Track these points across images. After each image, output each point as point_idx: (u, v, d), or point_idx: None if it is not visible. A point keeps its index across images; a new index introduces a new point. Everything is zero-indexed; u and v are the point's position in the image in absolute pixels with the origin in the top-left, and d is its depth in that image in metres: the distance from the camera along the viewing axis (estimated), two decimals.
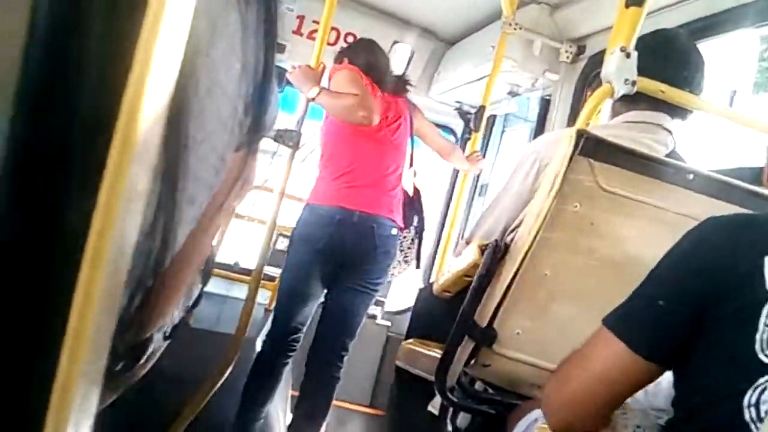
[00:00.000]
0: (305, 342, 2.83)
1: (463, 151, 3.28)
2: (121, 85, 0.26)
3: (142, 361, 0.68)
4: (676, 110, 1.68)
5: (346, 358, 2.80)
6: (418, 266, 3.10)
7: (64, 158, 0.26)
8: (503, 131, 4.02)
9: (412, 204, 2.98)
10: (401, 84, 2.98)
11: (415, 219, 2.99)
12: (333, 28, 3.80)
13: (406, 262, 2.98)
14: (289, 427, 2.78)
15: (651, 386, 1.15)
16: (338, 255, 2.68)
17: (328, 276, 2.72)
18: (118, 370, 0.63)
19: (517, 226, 1.62)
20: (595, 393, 1.06)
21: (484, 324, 1.55)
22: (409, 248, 2.99)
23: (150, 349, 0.69)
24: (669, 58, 1.69)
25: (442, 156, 3.17)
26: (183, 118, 0.41)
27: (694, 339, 0.97)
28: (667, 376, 1.08)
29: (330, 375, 2.76)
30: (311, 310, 2.80)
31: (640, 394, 1.18)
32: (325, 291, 2.79)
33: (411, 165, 2.99)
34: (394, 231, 2.75)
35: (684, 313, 0.98)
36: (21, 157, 0.26)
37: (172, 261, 0.48)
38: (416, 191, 3.03)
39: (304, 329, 2.81)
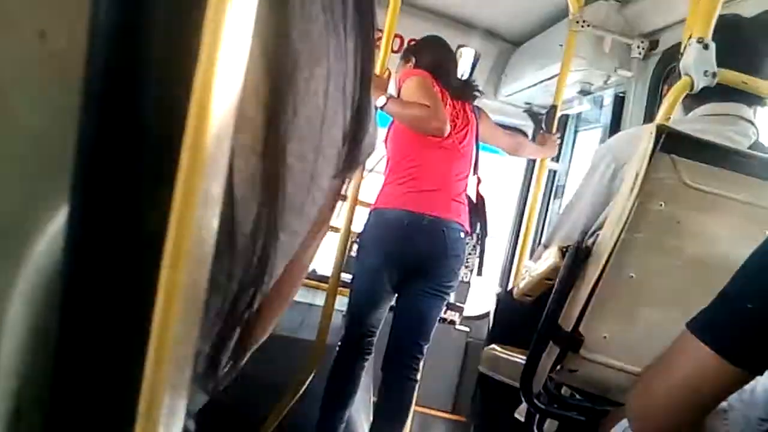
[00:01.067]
0: (383, 347, 2.85)
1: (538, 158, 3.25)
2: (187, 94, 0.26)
3: (233, 374, 0.70)
4: (753, 99, 1.63)
5: (421, 362, 2.80)
6: (479, 273, 3.07)
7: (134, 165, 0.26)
8: (576, 131, 3.95)
9: (476, 211, 2.97)
10: (469, 89, 2.97)
11: (478, 226, 2.98)
12: (396, 36, 3.82)
13: (465, 267, 2.96)
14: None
15: (747, 394, 1.11)
16: (408, 258, 2.69)
17: (398, 280, 2.73)
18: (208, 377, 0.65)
19: (598, 228, 1.59)
20: (680, 400, 1.02)
21: (569, 328, 1.52)
22: (470, 254, 2.96)
23: (243, 362, 0.70)
24: (748, 47, 1.64)
25: (512, 153, 3.15)
26: (278, 143, 0.42)
27: None
28: (762, 382, 1.04)
29: (407, 378, 2.76)
30: (383, 314, 2.81)
31: (736, 403, 1.14)
32: (396, 295, 2.80)
33: (475, 172, 2.98)
34: (463, 235, 2.76)
35: None
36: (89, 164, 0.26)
37: (273, 288, 0.49)
38: (480, 198, 3.02)
39: (377, 332, 2.82)
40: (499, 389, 1.92)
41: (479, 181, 3.02)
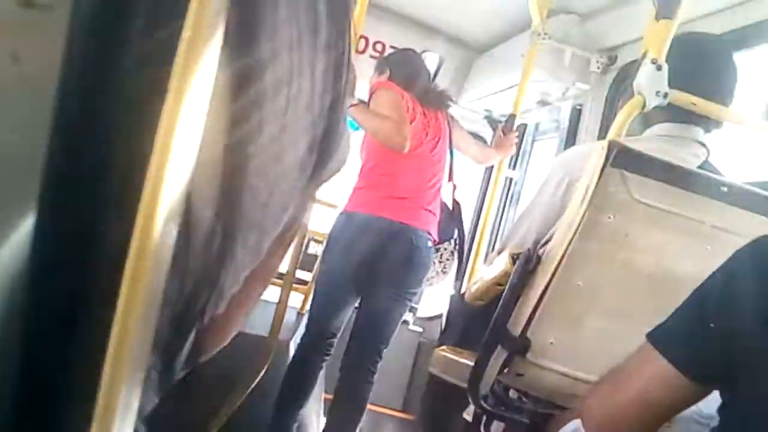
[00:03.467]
0: (341, 346, 2.87)
1: (494, 165, 3.30)
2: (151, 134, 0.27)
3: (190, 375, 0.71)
4: (709, 121, 1.69)
5: (379, 365, 2.83)
6: (458, 278, 3.13)
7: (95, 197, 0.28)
8: (534, 140, 4.02)
9: (452, 217, 3.01)
10: (442, 99, 3.02)
11: (455, 232, 3.02)
12: (362, 37, 3.85)
13: (444, 272, 3.01)
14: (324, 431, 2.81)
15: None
16: (375, 263, 2.72)
17: (363, 283, 2.76)
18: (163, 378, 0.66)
19: (549, 238, 1.63)
20: (637, 411, 1.04)
21: (517, 333, 1.56)
22: (448, 260, 3.01)
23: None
24: (701, 69, 1.69)
25: (480, 161, 3.22)
26: (238, 163, 0.43)
27: (741, 360, 0.94)
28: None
29: (364, 380, 2.80)
30: (346, 315, 2.85)
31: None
32: (360, 298, 2.83)
33: (450, 179, 3.02)
34: (430, 244, 2.80)
35: (733, 336, 0.95)
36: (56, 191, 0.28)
37: (231, 301, 0.50)
38: (456, 204, 3.07)
39: (339, 333, 2.85)
40: (448, 390, 1.96)
41: (455, 187, 3.07)
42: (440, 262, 3.00)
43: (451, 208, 3.01)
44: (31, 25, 0.31)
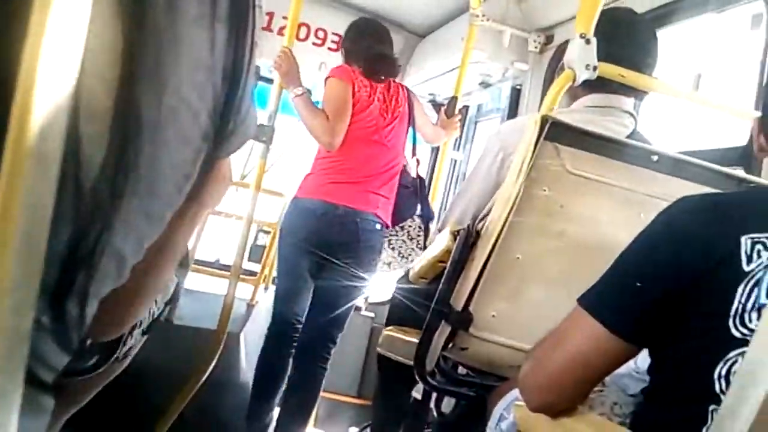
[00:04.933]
0: None
1: (439, 147, 3.33)
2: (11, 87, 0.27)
3: (118, 356, 0.70)
4: (635, 92, 1.73)
5: (333, 350, 2.86)
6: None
7: None
8: (476, 122, 4.06)
9: (415, 192, 3.03)
10: (393, 66, 3.00)
11: (419, 207, 3.03)
12: (303, 24, 3.83)
13: (419, 248, 3.00)
14: (278, 420, 2.83)
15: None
16: (322, 247, 2.75)
17: (313, 267, 2.80)
18: (92, 365, 0.65)
19: (487, 213, 1.65)
20: (572, 373, 1.06)
21: (459, 308, 1.58)
22: (418, 236, 3.03)
23: (127, 345, 0.71)
24: (627, 41, 1.73)
25: (431, 141, 3.24)
26: (133, 129, 0.42)
27: (669, 317, 0.97)
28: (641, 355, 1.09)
29: (319, 366, 2.83)
30: (307, 301, 2.87)
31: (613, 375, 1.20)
32: (314, 283, 2.85)
33: (414, 154, 3.04)
34: (378, 227, 2.81)
35: (660, 294, 0.98)
36: None
37: (140, 264, 0.49)
38: (420, 179, 3.08)
39: (302, 319, 2.87)
40: (397, 370, 1.97)
41: (418, 162, 3.09)
42: (411, 238, 3.01)
43: (412, 185, 3.01)
44: None
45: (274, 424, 2.85)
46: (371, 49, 2.92)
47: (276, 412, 2.87)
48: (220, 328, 2.42)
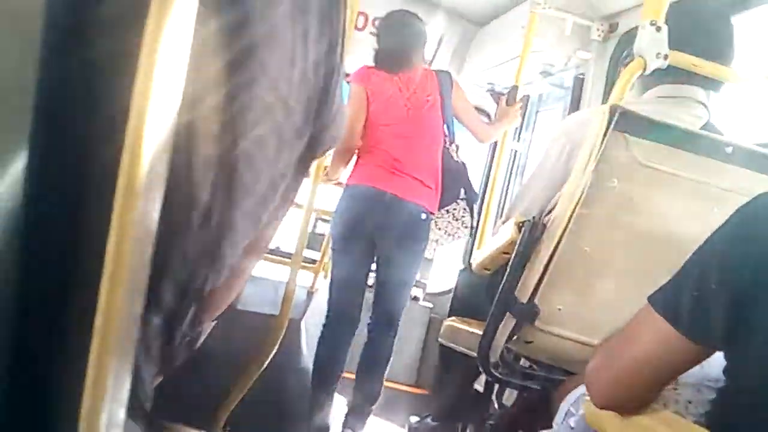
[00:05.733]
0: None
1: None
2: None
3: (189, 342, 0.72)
4: (708, 82, 1.68)
5: (399, 323, 2.95)
6: (471, 235, 3.23)
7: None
8: (537, 111, 4.01)
9: (457, 178, 3.03)
10: (405, 58, 2.97)
11: (462, 192, 3.05)
12: (361, 13, 3.83)
13: (465, 227, 3.08)
14: (355, 386, 2.96)
15: (698, 365, 1.14)
16: (370, 229, 2.82)
17: (367, 251, 2.88)
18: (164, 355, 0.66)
19: (554, 206, 1.63)
20: (640, 374, 1.05)
21: (524, 300, 1.57)
22: (463, 216, 3.07)
23: (202, 335, 0.72)
24: (700, 29, 1.68)
25: (478, 140, 3.19)
26: (234, 129, 0.43)
27: (742, 320, 0.95)
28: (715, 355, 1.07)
29: (387, 334, 2.93)
30: (361, 285, 2.97)
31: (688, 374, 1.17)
32: (372, 266, 2.96)
33: (452, 141, 3.03)
34: (423, 216, 2.85)
35: (733, 297, 0.95)
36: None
37: (229, 272, 0.50)
38: (459, 164, 3.07)
39: (361, 303, 2.97)
40: (459, 361, 1.97)
41: (457, 148, 3.08)
42: (456, 219, 3.06)
43: (453, 170, 3.02)
44: None
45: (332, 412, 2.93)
46: (381, 44, 2.97)
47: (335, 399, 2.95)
48: (283, 314, 2.45)
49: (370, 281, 3.04)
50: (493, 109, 4.15)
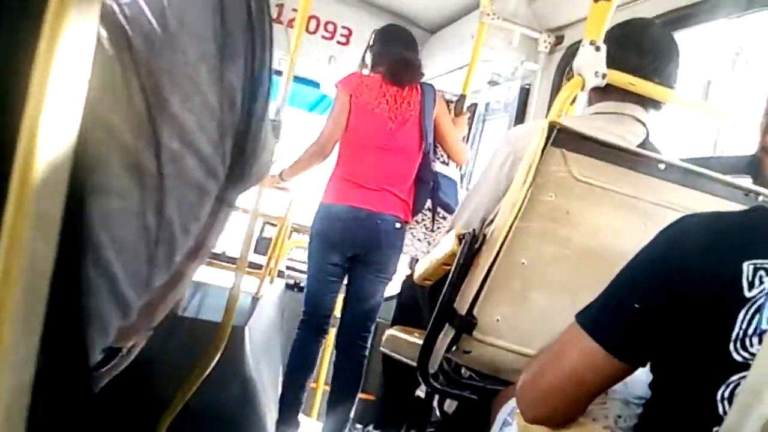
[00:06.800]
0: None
1: None
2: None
3: (123, 354, 0.71)
4: (648, 101, 1.73)
5: (370, 338, 3.14)
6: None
7: None
8: (484, 120, 4.06)
9: (426, 189, 3.10)
10: (413, 72, 3.05)
11: (429, 203, 3.15)
12: (313, 16, 3.83)
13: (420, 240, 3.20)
14: (329, 400, 3.17)
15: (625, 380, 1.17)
16: (349, 248, 2.97)
17: (343, 267, 3.03)
18: (100, 362, 0.66)
19: (495, 217, 1.65)
20: (568, 389, 1.07)
21: (463, 311, 1.59)
22: (438, 228, 3.16)
23: (135, 345, 0.71)
24: (640, 50, 1.72)
25: (455, 161, 3.23)
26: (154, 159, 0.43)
27: (668, 339, 0.97)
28: (640, 369, 1.10)
29: (358, 347, 3.11)
30: (335, 297, 3.14)
31: (616, 387, 1.19)
32: (346, 281, 3.12)
33: (426, 154, 3.05)
34: (398, 225, 2.97)
35: (659, 316, 0.97)
36: None
37: (162, 287, 0.50)
38: (434, 176, 3.12)
39: (332, 312, 3.16)
40: (400, 369, 1.98)
41: (433, 161, 3.13)
42: (429, 231, 3.18)
43: (425, 181, 3.08)
44: None
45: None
46: (398, 55, 3.01)
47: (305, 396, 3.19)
48: (226, 321, 2.43)
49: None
50: None
